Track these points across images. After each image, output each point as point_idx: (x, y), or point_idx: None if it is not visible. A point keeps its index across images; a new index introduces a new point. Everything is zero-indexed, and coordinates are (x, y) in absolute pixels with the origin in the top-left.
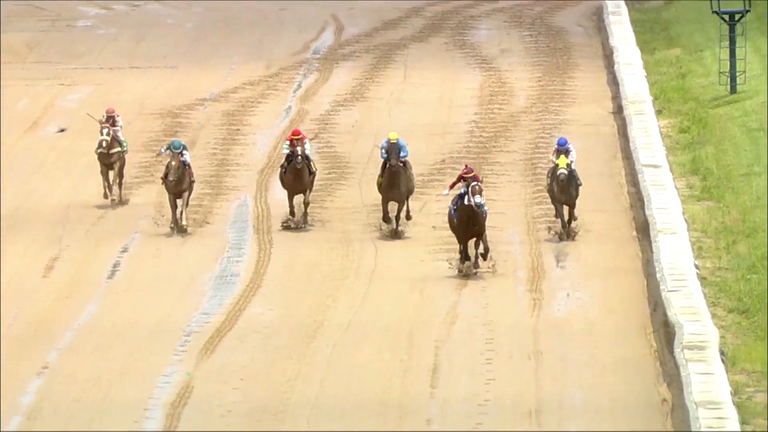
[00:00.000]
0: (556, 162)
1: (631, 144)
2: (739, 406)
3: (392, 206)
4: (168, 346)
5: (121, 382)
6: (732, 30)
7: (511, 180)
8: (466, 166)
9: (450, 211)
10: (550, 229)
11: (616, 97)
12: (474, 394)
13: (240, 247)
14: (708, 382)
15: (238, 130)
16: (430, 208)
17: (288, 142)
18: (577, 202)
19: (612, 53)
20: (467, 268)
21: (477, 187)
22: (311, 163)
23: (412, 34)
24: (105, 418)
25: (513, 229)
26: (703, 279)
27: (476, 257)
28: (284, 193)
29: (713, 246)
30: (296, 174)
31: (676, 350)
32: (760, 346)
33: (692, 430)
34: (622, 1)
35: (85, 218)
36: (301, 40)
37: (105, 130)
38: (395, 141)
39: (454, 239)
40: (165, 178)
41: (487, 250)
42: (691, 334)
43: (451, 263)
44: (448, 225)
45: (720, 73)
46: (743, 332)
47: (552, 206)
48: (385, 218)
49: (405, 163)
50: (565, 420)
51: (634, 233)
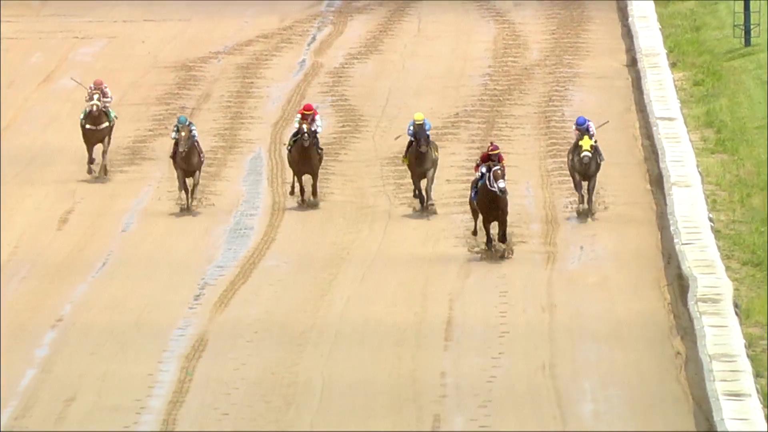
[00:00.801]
0: (580, 143)
1: (645, 97)
2: (753, 359)
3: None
4: (183, 299)
5: (136, 335)
6: None
7: (525, 133)
8: (492, 144)
9: (470, 195)
10: (569, 207)
11: (630, 50)
12: (488, 347)
13: (254, 201)
14: (722, 335)
15: (252, 83)
16: (443, 161)
17: (299, 116)
18: (598, 177)
19: (626, 6)
20: (489, 251)
21: (499, 171)
22: (318, 144)
23: None
24: (119, 371)
25: (527, 183)
26: (717, 232)
27: (504, 243)
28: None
29: (727, 199)
30: (303, 152)
31: (690, 303)
32: None
33: (706, 382)
34: None
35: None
36: None
37: (96, 96)
38: (421, 122)
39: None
40: (174, 156)
41: (505, 234)
42: (705, 287)
43: (471, 248)
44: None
45: (734, 25)
46: (757, 285)
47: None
48: (417, 195)
49: (429, 142)
50: (579, 373)
51: (648, 186)
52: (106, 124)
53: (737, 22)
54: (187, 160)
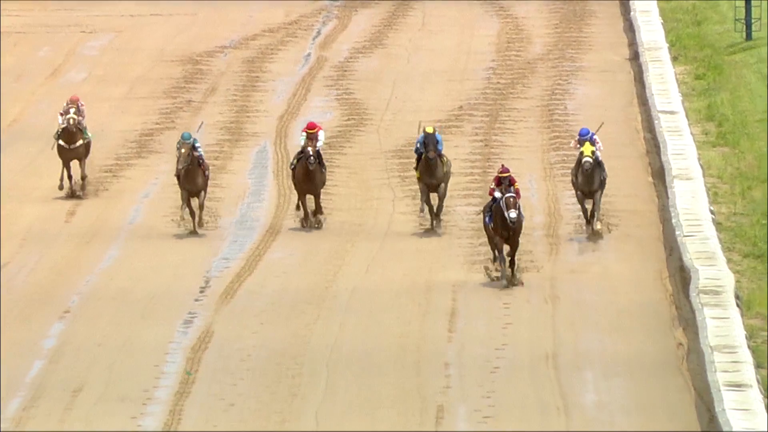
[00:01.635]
0: (581, 149)
1: (647, 90)
2: (755, 350)
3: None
4: (189, 291)
5: (143, 326)
6: None
7: (528, 126)
8: (502, 166)
9: (484, 220)
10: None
11: (633, 44)
12: (491, 338)
13: (260, 193)
14: (723, 327)
15: (258, 77)
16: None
17: (304, 134)
18: (602, 197)
19: (628, 0)
20: (508, 278)
21: (511, 200)
22: (322, 163)
23: None
24: (126, 362)
25: (530, 175)
26: (718, 224)
27: (512, 268)
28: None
29: (728, 191)
30: (307, 173)
31: (692, 295)
32: None
33: (707, 373)
34: None
35: (107, 165)
36: None
37: (72, 109)
38: (432, 133)
39: (473, 182)
40: (178, 174)
41: (513, 259)
42: (707, 279)
43: (491, 275)
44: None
45: (735, 20)
46: (758, 277)
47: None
48: (426, 204)
49: (441, 155)
50: (582, 364)
51: (650, 179)
52: (81, 141)
53: (738, 16)
54: (191, 180)
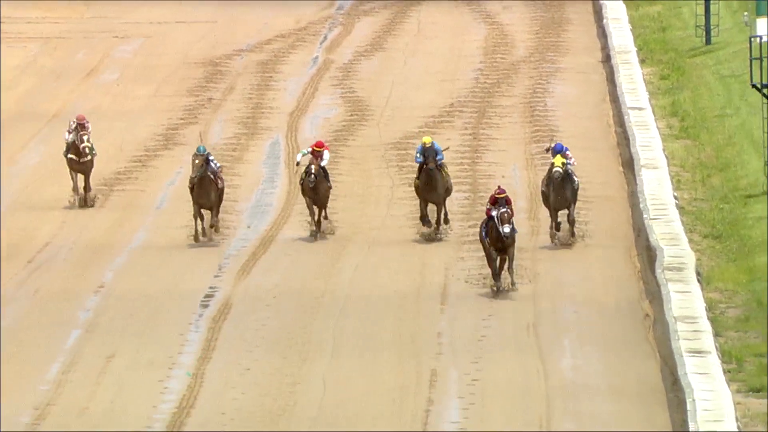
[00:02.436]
0: (553, 161)
1: (617, 89)
2: (713, 321)
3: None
4: (209, 268)
5: (169, 300)
6: None
7: (512, 121)
8: (499, 187)
9: (481, 234)
10: (553, 238)
11: (605, 48)
12: (479, 310)
13: (273, 180)
14: (685, 299)
15: (271, 77)
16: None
17: (310, 150)
18: (575, 210)
19: (601, 9)
20: (500, 286)
21: (506, 215)
22: (329, 178)
23: None
24: (154, 331)
25: (513, 164)
26: (681, 208)
27: (511, 279)
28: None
29: (690, 179)
30: (313, 188)
31: (658, 271)
32: (732, 267)
33: (671, 341)
34: None
35: (137, 155)
36: None
37: (85, 137)
38: (430, 145)
39: (462, 171)
40: (192, 188)
41: (512, 267)
42: (671, 257)
43: (492, 288)
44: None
45: (696, 26)
46: (717, 255)
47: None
48: (423, 219)
49: (441, 166)
50: (559, 333)
51: (621, 168)
52: (89, 157)
53: (699, 23)
54: (203, 193)
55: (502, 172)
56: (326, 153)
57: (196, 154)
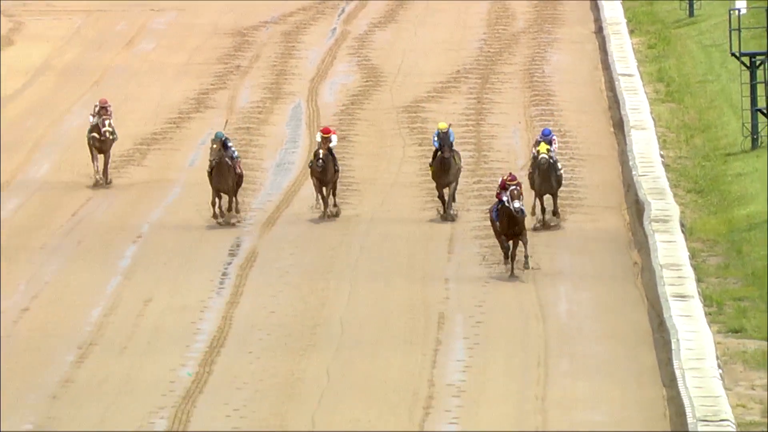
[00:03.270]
0: (538, 149)
1: (609, 57)
2: (695, 268)
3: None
4: (239, 218)
5: (201, 249)
6: None
7: (513, 86)
8: (510, 173)
9: (491, 216)
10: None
11: (597, 20)
12: (481, 256)
13: (295, 141)
14: (670, 249)
15: (294, 46)
16: (448, 109)
17: (320, 135)
18: (560, 194)
19: None
20: (512, 268)
21: (515, 192)
22: (336, 161)
23: None
24: (187, 277)
25: (514, 127)
26: (666, 166)
27: (525, 258)
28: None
29: (675, 139)
30: (321, 170)
31: (645, 223)
32: (713, 219)
33: (657, 287)
34: None
35: (171, 118)
36: None
37: (107, 121)
38: (446, 130)
39: (468, 132)
40: (210, 172)
41: (526, 256)
42: (657, 210)
43: (485, 258)
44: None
45: (680, 0)
46: (699, 208)
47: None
48: (441, 198)
49: (453, 151)
50: (556, 278)
51: (612, 129)
52: (110, 137)
53: None
54: (221, 178)
55: (504, 133)
56: (334, 137)
57: (214, 139)
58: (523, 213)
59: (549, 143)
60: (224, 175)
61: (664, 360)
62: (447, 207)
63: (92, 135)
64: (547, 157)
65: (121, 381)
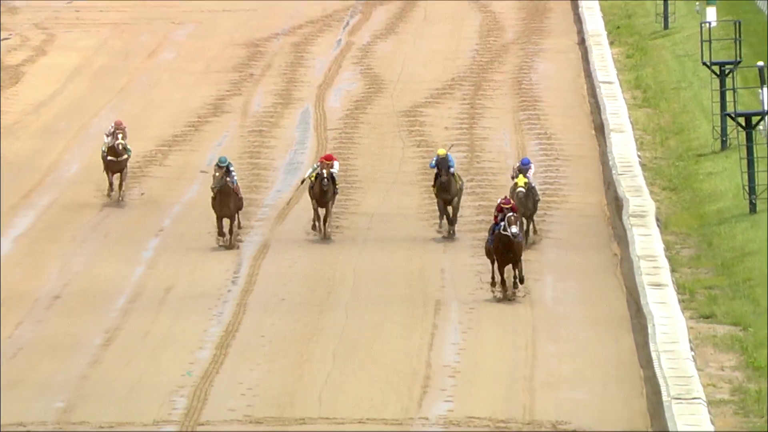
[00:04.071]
0: (516, 181)
1: (590, 66)
2: (670, 259)
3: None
4: (252, 214)
5: (217, 242)
6: None
7: (503, 93)
8: (505, 197)
9: (487, 240)
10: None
11: (580, 32)
12: (475, 250)
13: (304, 142)
14: (647, 241)
15: (302, 56)
16: (444, 113)
17: (319, 163)
18: (535, 217)
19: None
20: (504, 293)
21: (513, 218)
22: (336, 184)
23: None
24: (205, 268)
25: (504, 130)
26: (643, 165)
27: (513, 283)
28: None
29: (651, 141)
30: (321, 191)
31: (624, 217)
32: (686, 214)
33: (635, 276)
34: None
35: (190, 122)
36: None
37: (120, 135)
38: (444, 156)
39: (462, 134)
40: (214, 197)
41: (521, 278)
42: (635, 206)
43: (493, 291)
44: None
45: (656, 14)
46: (673, 204)
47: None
48: (441, 218)
49: (453, 174)
50: (542, 269)
51: (593, 132)
52: (125, 156)
53: (658, 11)
54: (223, 204)
55: (494, 135)
56: (336, 164)
57: (218, 166)
58: (520, 238)
59: (526, 171)
60: (226, 202)
61: (641, 343)
62: (451, 223)
63: (109, 159)
64: (524, 190)
65: (145, 361)
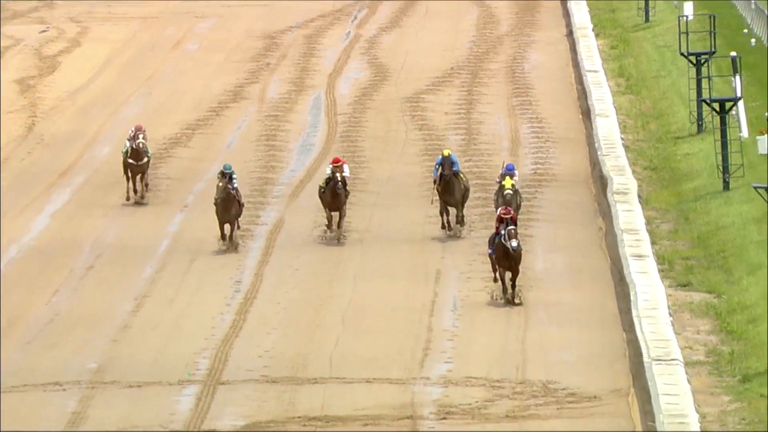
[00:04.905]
0: (503, 183)
1: (578, 56)
2: (650, 232)
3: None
4: (268, 192)
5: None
6: None
7: (498, 81)
8: (505, 207)
9: (489, 252)
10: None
11: (568, 25)
12: (472, 224)
13: (315, 126)
14: (630, 216)
15: (314, 47)
16: (443, 99)
17: (331, 167)
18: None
19: None
20: (507, 300)
21: (512, 231)
22: (347, 187)
23: None
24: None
25: (498, 114)
26: (626, 147)
27: (513, 291)
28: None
29: (633, 125)
30: (334, 194)
31: (609, 195)
32: (665, 192)
33: (619, 248)
34: None
35: (212, 107)
36: None
37: (141, 135)
38: (448, 156)
39: (460, 119)
40: (217, 206)
41: (515, 283)
42: (619, 184)
43: (493, 294)
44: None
45: (638, 8)
46: (653, 182)
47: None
48: (442, 215)
49: (458, 174)
50: (533, 243)
51: (580, 116)
52: (146, 159)
53: (640, 6)
54: (225, 210)
55: (489, 119)
56: (346, 167)
57: (222, 173)
58: (516, 251)
59: (512, 177)
60: (228, 209)
61: (624, 309)
62: (454, 225)
63: (130, 161)
64: (511, 191)
65: (171, 326)
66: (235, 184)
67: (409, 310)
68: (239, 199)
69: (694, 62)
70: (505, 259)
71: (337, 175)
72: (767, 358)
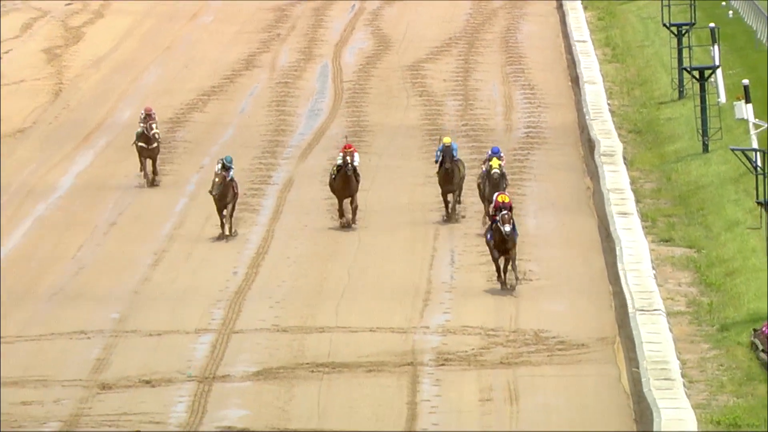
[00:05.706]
0: (490, 164)
1: (567, 27)
2: (635, 191)
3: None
4: (278, 153)
5: (248, 178)
6: None
7: (493, 50)
8: (502, 194)
9: (486, 237)
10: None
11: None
12: (467, 187)
13: (323, 92)
14: (615, 176)
15: (322, 19)
16: (442, 68)
17: (341, 154)
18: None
19: None
20: (504, 284)
21: (506, 216)
22: (358, 173)
23: None
24: (241, 197)
25: (493, 81)
26: (612, 112)
27: (514, 276)
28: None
29: (619, 91)
30: (345, 181)
31: (596, 156)
32: (648, 153)
33: (605, 206)
34: None
35: (226, 74)
36: None
37: (153, 125)
38: (449, 144)
39: (457, 85)
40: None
41: (514, 267)
42: (605, 146)
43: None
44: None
45: None
46: (638, 145)
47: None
48: (445, 202)
49: (457, 161)
50: (524, 202)
51: (569, 83)
52: (155, 145)
53: None
54: (221, 198)
55: (485, 87)
56: (356, 155)
57: (223, 165)
58: (513, 234)
59: (499, 158)
60: (224, 194)
61: (610, 263)
62: (451, 211)
63: (140, 144)
64: (499, 172)
65: (188, 280)
66: (232, 174)
67: (409, 264)
68: (235, 189)
69: (676, 33)
70: (502, 243)
71: (348, 158)
72: (743, 308)
